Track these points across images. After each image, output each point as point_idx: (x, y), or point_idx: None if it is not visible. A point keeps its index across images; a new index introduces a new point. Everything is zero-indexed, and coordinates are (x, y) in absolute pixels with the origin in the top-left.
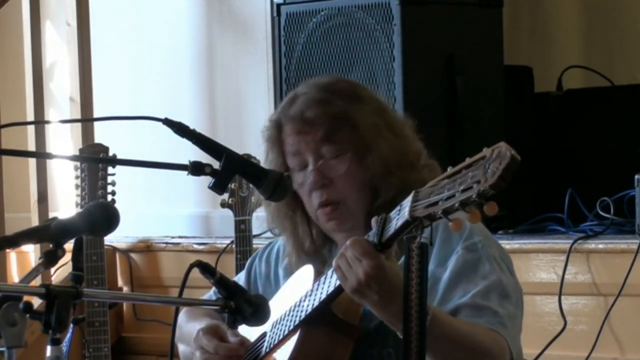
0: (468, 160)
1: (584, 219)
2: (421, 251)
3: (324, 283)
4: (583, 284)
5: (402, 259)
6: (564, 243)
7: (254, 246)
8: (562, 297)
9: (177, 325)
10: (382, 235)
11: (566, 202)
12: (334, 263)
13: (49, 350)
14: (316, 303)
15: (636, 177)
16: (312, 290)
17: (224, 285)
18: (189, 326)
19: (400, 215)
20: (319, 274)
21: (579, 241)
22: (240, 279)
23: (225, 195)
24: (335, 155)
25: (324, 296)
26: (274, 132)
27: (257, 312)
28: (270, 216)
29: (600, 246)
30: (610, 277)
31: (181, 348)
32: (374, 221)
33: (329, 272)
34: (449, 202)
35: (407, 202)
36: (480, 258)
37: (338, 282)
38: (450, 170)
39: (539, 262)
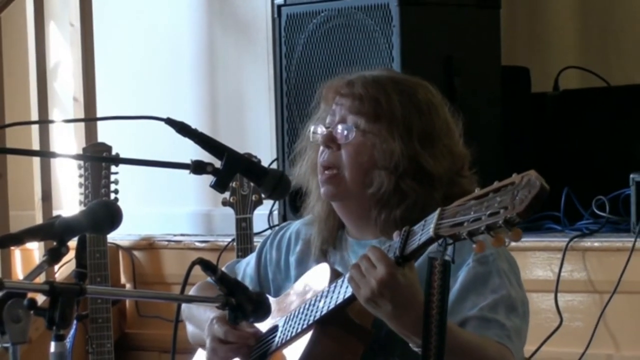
0: (496, 184)
1: (580, 217)
2: (444, 268)
3: (341, 286)
4: (579, 281)
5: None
6: (560, 241)
7: (255, 244)
8: (559, 295)
9: (186, 305)
10: (405, 249)
11: (562, 201)
12: (349, 274)
13: (52, 346)
14: (332, 305)
15: (631, 176)
16: (328, 291)
17: (225, 282)
18: (199, 308)
19: (424, 230)
20: (335, 274)
21: (575, 239)
22: (250, 263)
23: (227, 194)
24: (349, 128)
25: (340, 299)
26: (330, 93)
27: (257, 309)
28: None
29: (596, 244)
30: (605, 274)
31: (189, 328)
32: (396, 234)
33: (347, 276)
34: (475, 224)
35: (432, 219)
36: (490, 272)
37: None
38: (478, 191)
39: (535, 260)
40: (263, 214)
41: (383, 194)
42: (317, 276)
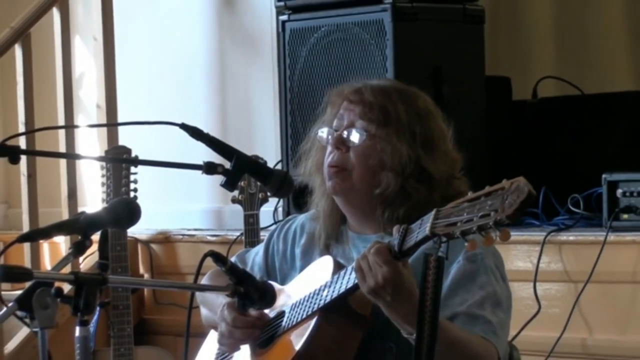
0: (488, 189)
1: (556, 213)
2: (438, 264)
3: (343, 277)
4: (555, 271)
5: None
6: (538, 235)
7: (261, 238)
8: (537, 284)
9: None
10: (403, 245)
11: (540, 199)
12: (355, 263)
13: (77, 330)
14: (335, 295)
15: (603, 176)
16: (332, 282)
17: (234, 272)
18: (213, 294)
19: (421, 229)
20: (338, 266)
21: (552, 234)
22: (259, 252)
23: (236, 192)
24: (361, 131)
25: (343, 290)
26: (336, 99)
27: (263, 297)
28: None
29: (571, 238)
30: (579, 265)
31: (203, 311)
32: (395, 229)
33: (349, 268)
34: (468, 225)
35: (428, 218)
36: (478, 269)
37: (357, 281)
38: (470, 195)
39: (516, 252)
40: (269, 210)
41: (389, 194)
42: (321, 267)
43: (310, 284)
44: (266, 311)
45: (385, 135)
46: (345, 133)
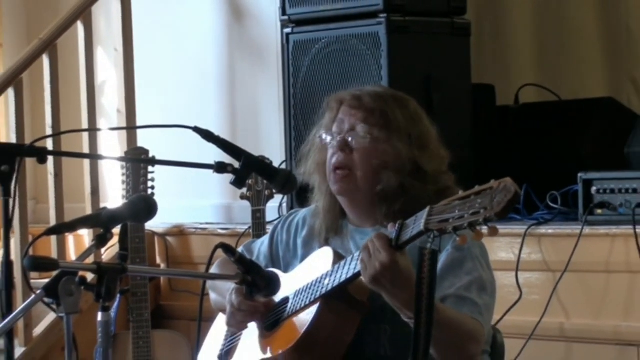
0: (477, 188)
1: (536, 209)
2: (432, 256)
3: (343, 267)
4: (535, 262)
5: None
6: (520, 228)
7: (267, 231)
8: (519, 273)
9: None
10: (399, 239)
11: (522, 195)
12: (359, 255)
13: (99, 315)
14: (336, 283)
15: (579, 175)
16: (333, 271)
17: (243, 262)
18: (221, 282)
19: (416, 225)
20: (338, 256)
21: (532, 227)
22: (264, 242)
23: (244, 190)
24: (364, 134)
25: (343, 279)
26: (334, 104)
27: (269, 285)
28: (315, 182)
29: (550, 231)
30: (557, 256)
31: (212, 296)
32: (391, 225)
33: (349, 259)
34: (459, 221)
35: (422, 215)
36: (465, 257)
37: (357, 269)
38: (461, 193)
39: (499, 244)
40: (274, 206)
41: (389, 190)
42: (322, 257)
43: (312, 272)
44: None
45: (386, 138)
46: (348, 136)
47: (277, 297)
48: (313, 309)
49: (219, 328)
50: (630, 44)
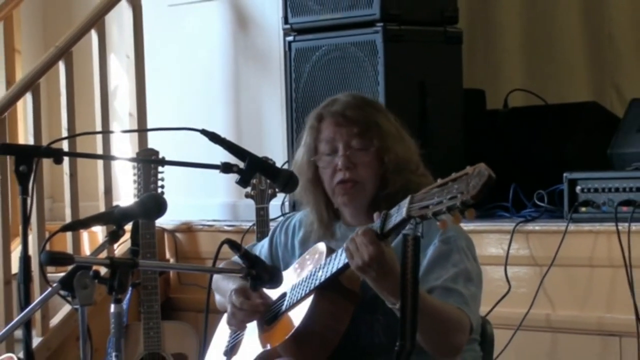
0: (454, 175)
1: (524, 207)
2: (415, 242)
3: (334, 259)
4: (523, 256)
5: (396, 240)
6: (508, 225)
7: (270, 227)
8: (507, 267)
9: (215, 279)
10: (384, 227)
11: (510, 194)
12: (345, 245)
13: (112, 307)
14: (328, 274)
15: (564, 175)
16: (325, 264)
17: (247, 257)
18: (224, 282)
19: (398, 213)
20: (330, 250)
21: (520, 224)
22: (264, 245)
23: (249, 189)
24: (362, 148)
25: (334, 269)
26: (314, 123)
27: (272, 278)
28: (300, 193)
29: (537, 228)
30: (544, 251)
31: (217, 298)
32: (376, 215)
33: (339, 252)
34: (438, 206)
35: (404, 203)
36: (452, 249)
37: (346, 260)
38: (439, 181)
39: (489, 240)
40: (276, 204)
41: (395, 191)
42: (316, 253)
43: (306, 267)
44: (270, 293)
45: (385, 147)
46: (349, 153)
47: (276, 293)
48: (308, 301)
49: (224, 326)
50: (613, 52)
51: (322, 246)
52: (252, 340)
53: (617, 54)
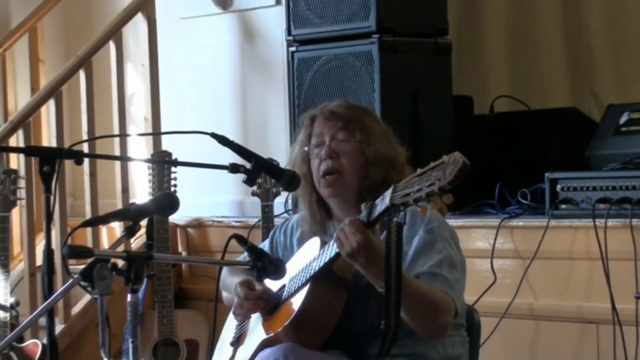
0: (432, 164)
1: (509, 204)
2: (398, 228)
3: (327, 250)
4: (508, 250)
5: (384, 234)
6: (494, 221)
7: (275, 223)
8: (493, 260)
9: (222, 278)
10: (370, 216)
11: (496, 192)
12: (335, 235)
13: (129, 297)
14: (321, 264)
15: (546, 174)
16: (318, 255)
17: (253, 250)
18: (230, 279)
19: (382, 202)
20: (323, 243)
21: (505, 220)
22: (265, 245)
23: (255, 187)
24: (346, 139)
25: (327, 259)
26: (307, 122)
27: (276, 270)
28: (298, 192)
29: (520, 223)
30: (527, 245)
31: (224, 294)
32: (363, 206)
33: (331, 243)
34: (418, 193)
35: (388, 193)
36: (436, 239)
37: (337, 250)
38: (419, 171)
39: (477, 235)
40: (280, 202)
41: (375, 183)
42: (311, 246)
43: (303, 260)
44: (271, 285)
45: (366, 139)
46: (333, 144)
47: (277, 285)
48: (305, 290)
49: (231, 320)
50: (591, 61)
51: (316, 240)
52: (256, 328)
53: (595, 64)
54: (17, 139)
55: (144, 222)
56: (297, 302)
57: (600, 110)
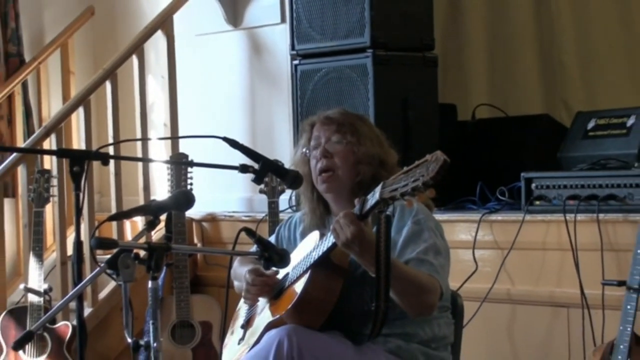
0: (417, 162)
1: (489, 200)
2: (387, 220)
3: (325, 241)
4: (488, 241)
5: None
6: (476, 216)
7: (280, 217)
8: (475, 250)
9: (233, 268)
10: (362, 209)
11: (477, 190)
12: (331, 226)
13: (150, 283)
14: (320, 253)
15: (522, 174)
16: (317, 246)
17: (261, 242)
18: (240, 269)
19: (373, 197)
20: (322, 235)
21: (485, 214)
22: (271, 240)
23: (262, 185)
24: (339, 141)
25: (325, 249)
26: (307, 127)
27: (282, 260)
28: (300, 190)
29: (499, 218)
30: (505, 237)
31: (236, 283)
32: (356, 201)
33: (328, 234)
34: (404, 188)
35: (378, 189)
36: (422, 229)
37: (334, 240)
38: (405, 168)
39: (460, 228)
40: (285, 198)
41: (366, 180)
42: (311, 239)
43: (304, 250)
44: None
45: (357, 141)
46: (327, 145)
47: (282, 274)
48: (305, 277)
49: (242, 306)
50: (562, 73)
51: (315, 233)
52: (263, 311)
53: (565, 76)
54: (50, 143)
55: (163, 217)
56: (298, 287)
57: (570, 117)
